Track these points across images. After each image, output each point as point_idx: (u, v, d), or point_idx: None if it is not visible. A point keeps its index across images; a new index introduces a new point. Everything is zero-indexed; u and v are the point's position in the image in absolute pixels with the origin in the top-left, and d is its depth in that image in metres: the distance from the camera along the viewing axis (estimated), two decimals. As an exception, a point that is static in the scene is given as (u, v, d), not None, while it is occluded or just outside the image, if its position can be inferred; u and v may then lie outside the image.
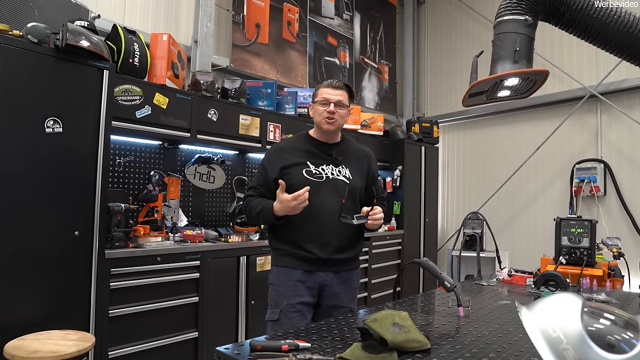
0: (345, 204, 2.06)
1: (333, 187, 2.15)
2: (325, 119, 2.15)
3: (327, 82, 2.21)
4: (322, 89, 2.20)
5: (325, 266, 2.12)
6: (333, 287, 2.14)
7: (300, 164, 2.16)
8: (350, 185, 2.18)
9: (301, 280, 2.10)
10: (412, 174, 5.70)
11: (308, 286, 2.10)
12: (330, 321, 1.75)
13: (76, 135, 2.62)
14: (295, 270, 2.11)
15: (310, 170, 2.15)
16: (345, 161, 2.24)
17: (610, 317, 0.99)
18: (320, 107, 2.16)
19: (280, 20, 5.23)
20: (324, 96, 2.17)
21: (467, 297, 2.12)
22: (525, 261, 3.56)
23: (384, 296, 4.99)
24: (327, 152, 2.22)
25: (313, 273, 2.11)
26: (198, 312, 3.23)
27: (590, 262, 2.79)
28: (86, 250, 2.65)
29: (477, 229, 4.64)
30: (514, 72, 1.95)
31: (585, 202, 5.36)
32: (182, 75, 3.76)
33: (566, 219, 2.96)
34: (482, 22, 6.26)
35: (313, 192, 2.06)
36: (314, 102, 2.21)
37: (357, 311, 2.03)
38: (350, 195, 2.16)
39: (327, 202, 2.11)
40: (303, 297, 2.09)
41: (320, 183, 2.13)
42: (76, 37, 2.54)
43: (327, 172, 2.17)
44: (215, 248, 3.39)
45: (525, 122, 6.01)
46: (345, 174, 2.21)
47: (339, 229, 2.10)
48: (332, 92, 2.17)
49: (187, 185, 3.92)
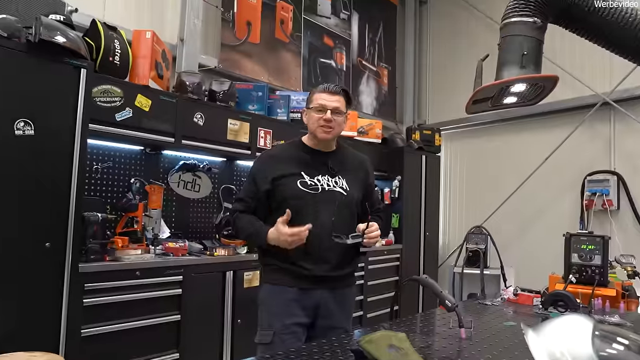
0: (338, 219, 2.07)
1: (329, 199, 2.14)
2: (321, 127, 2.14)
3: (323, 87, 2.19)
4: (318, 94, 2.18)
5: (320, 284, 2.11)
6: (328, 306, 2.13)
7: (294, 174, 2.13)
8: (348, 197, 2.18)
9: (295, 299, 2.08)
10: (411, 184, 5.70)
11: (303, 305, 2.09)
12: (323, 342, 1.73)
13: (50, 138, 2.60)
14: (289, 288, 2.09)
15: (305, 182, 2.12)
16: (341, 171, 2.23)
17: (624, 341, 0.98)
18: (316, 115, 2.14)
19: (273, 18, 5.25)
20: (319, 102, 2.14)
21: (470, 317, 2.10)
22: (532, 279, 3.54)
23: (380, 315, 4.96)
24: (322, 161, 2.21)
25: (308, 291, 2.10)
26: (180, 332, 3.19)
27: (603, 281, 2.78)
28: (58, 264, 2.61)
29: (480, 244, 4.62)
30: (521, 78, 1.95)
31: (597, 216, 5.37)
32: (167, 75, 3.75)
33: (576, 235, 2.95)
34: (488, 23, 6.31)
35: (308, 205, 2.07)
36: (309, 107, 2.20)
37: (352, 332, 2.01)
38: (347, 208, 2.17)
39: (323, 216, 2.10)
40: (298, 318, 2.07)
41: (315, 195, 2.12)
42: (51, 32, 2.52)
43: (323, 183, 2.15)
44: (199, 262, 3.36)
45: (533, 130, 6.04)
46: (342, 185, 2.19)
47: (335, 243, 2.08)
48: (328, 98, 2.15)
49: (170, 194, 3.89)
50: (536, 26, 1.92)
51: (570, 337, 0.99)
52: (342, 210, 2.16)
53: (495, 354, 1.63)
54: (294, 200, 2.08)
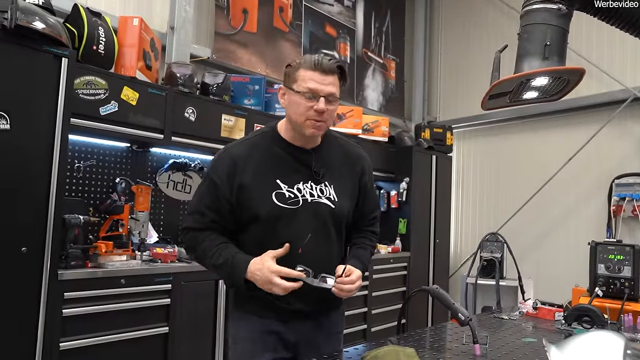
0: (320, 241, 1.80)
1: (313, 214, 1.82)
2: (310, 121, 1.75)
3: (314, 61, 1.73)
4: (307, 71, 1.73)
5: (301, 317, 1.87)
6: (314, 340, 1.91)
7: (267, 183, 1.79)
8: (336, 210, 1.87)
9: (274, 331, 1.83)
10: (420, 187, 5.70)
11: (283, 339, 1.85)
12: (325, 357, 1.71)
13: (27, 133, 2.59)
14: (266, 320, 1.83)
15: (282, 194, 1.78)
16: (328, 174, 1.89)
17: (659, 361, 0.97)
18: (303, 102, 1.73)
19: (271, 5, 5.25)
20: (309, 86, 1.72)
21: (485, 332, 2.09)
22: (553, 292, 3.53)
23: (386, 329, 4.96)
24: (304, 162, 1.85)
25: (289, 323, 1.85)
26: (168, 345, 3.18)
27: (633, 295, 2.76)
28: (35, 270, 2.61)
29: (496, 253, 4.61)
30: (544, 70, 1.94)
31: (627, 223, 5.35)
32: (156, 66, 3.75)
33: (603, 244, 2.94)
34: (506, 11, 6.31)
35: (285, 226, 1.77)
36: (291, 87, 1.77)
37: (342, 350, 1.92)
38: (334, 225, 1.88)
39: (304, 238, 1.77)
40: (277, 353, 1.82)
41: (295, 211, 1.79)
42: (28, 17, 2.51)
43: (305, 192, 1.82)
44: (189, 269, 3.35)
45: (555, 129, 6.03)
46: (329, 195, 1.86)
47: (321, 270, 1.75)
48: (321, 80, 1.72)
49: (158, 195, 3.89)
50: (561, 13, 1.91)
51: (598, 356, 0.97)
52: (328, 226, 1.86)
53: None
54: (271, 220, 1.76)
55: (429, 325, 5.54)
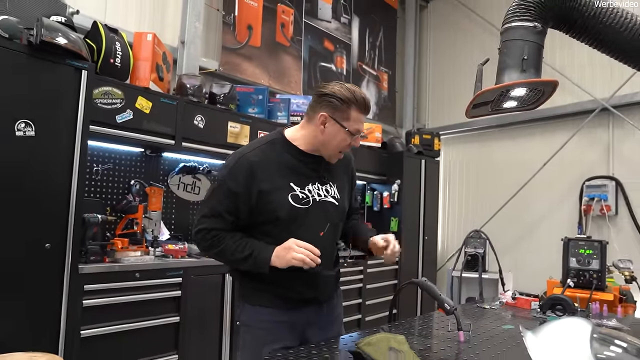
0: (328, 235, 1.87)
1: (321, 212, 1.87)
2: (342, 152, 1.88)
3: (364, 102, 1.80)
4: (358, 113, 1.80)
5: (309, 303, 1.91)
6: (319, 322, 1.95)
7: (283, 187, 1.80)
8: (339, 207, 1.94)
9: (283, 321, 1.85)
10: (411, 188, 5.70)
11: (291, 326, 1.87)
12: (322, 344, 1.73)
13: (50, 139, 2.61)
14: (277, 310, 1.85)
15: (296, 195, 1.81)
16: (331, 177, 1.95)
17: (622, 344, 0.98)
18: (346, 137, 1.80)
19: (273, 22, 5.26)
20: (358, 127, 1.81)
21: (468, 320, 2.10)
22: (530, 284, 3.56)
23: (379, 319, 4.96)
24: (312, 167, 1.89)
25: (298, 310, 1.88)
26: (179, 334, 3.19)
27: (601, 285, 2.79)
28: (58, 265, 2.62)
29: (479, 249, 4.64)
30: (522, 82, 1.96)
31: (596, 221, 5.37)
32: (167, 78, 3.76)
33: (575, 240, 2.96)
34: (488, 28, 6.33)
35: (299, 224, 1.80)
36: (340, 122, 1.79)
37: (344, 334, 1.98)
38: (338, 220, 1.95)
39: (314, 233, 1.83)
40: (286, 341, 1.81)
41: (307, 210, 1.82)
42: (52, 33, 2.54)
43: (314, 193, 1.86)
44: (198, 264, 3.36)
45: (532, 136, 6.06)
46: (333, 194, 1.92)
47: (327, 262, 1.86)
48: (364, 121, 1.84)
49: (170, 196, 3.89)
50: (536, 31, 1.93)
51: (568, 340, 0.99)
52: (334, 223, 1.92)
53: (493, 357, 1.63)
54: (286, 220, 1.78)
55: (418, 314, 5.54)
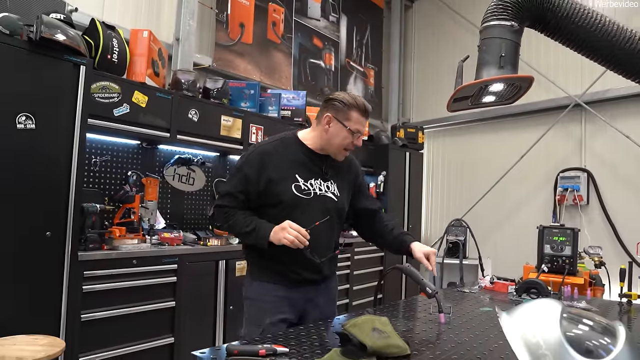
0: (325, 225, 1.94)
1: (321, 204, 1.99)
2: (346, 150, 2.01)
3: (364, 106, 1.97)
4: (358, 115, 1.95)
5: (307, 283, 2.03)
6: (316, 300, 2.06)
7: (289, 178, 1.96)
8: (338, 203, 2.05)
9: (284, 296, 1.97)
10: (396, 179, 5.73)
11: (291, 302, 1.98)
12: (310, 326, 1.74)
13: (50, 132, 2.58)
14: (279, 286, 1.97)
15: (299, 186, 1.96)
16: (333, 174, 2.07)
17: (589, 322, 1.01)
18: (349, 137, 1.95)
19: (265, 20, 5.24)
20: (358, 127, 1.96)
21: (449, 304, 2.13)
22: (508, 269, 3.60)
23: (365, 303, 4.99)
24: (317, 164, 2.03)
25: (298, 288, 2.00)
26: (174, 317, 3.19)
27: (572, 270, 2.83)
28: (58, 252, 2.61)
29: (460, 236, 4.69)
30: (499, 78, 1.98)
31: (569, 211, 5.45)
32: (163, 73, 3.73)
33: (549, 227, 3.00)
34: (469, 28, 6.35)
35: (300, 211, 1.93)
36: (342, 122, 1.94)
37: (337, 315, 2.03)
38: (336, 214, 2.04)
39: (313, 221, 1.92)
40: (285, 314, 1.95)
41: (308, 201, 1.96)
42: (51, 30, 2.50)
43: (315, 187, 1.99)
44: (193, 251, 3.36)
45: (511, 130, 6.11)
46: (333, 190, 2.05)
47: (320, 249, 1.96)
48: (365, 123, 1.99)
49: (165, 186, 3.88)
50: (513, 29, 1.95)
51: (540, 319, 1.01)
52: (332, 216, 2.02)
53: (472, 337, 1.66)
54: (287, 204, 1.93)
55: (402, 299, 5.59)
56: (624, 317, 2.14)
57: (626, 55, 1.94)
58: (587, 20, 1.90)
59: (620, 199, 5.14)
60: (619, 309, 2.28)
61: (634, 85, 2.20)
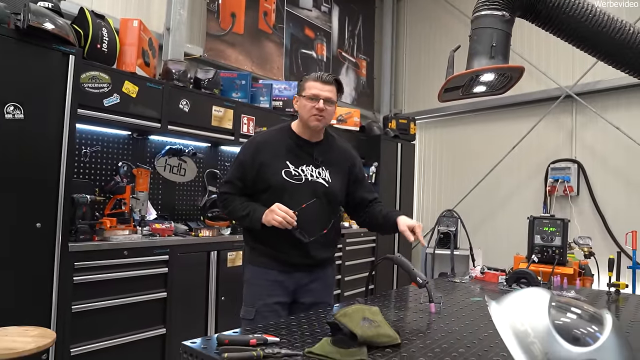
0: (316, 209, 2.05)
1: (311, 190, 2.08)
2: (313, 116, 2.06)
3: (317, 76, 2.10)
4: (311, 82, 2.09)
5: (298, 268, 2.11)
6: (308, 286, 2.14)
7: (279, 163, 2.08)
8: (329, 189, 2.13)
9: (278, 281, 2.08)
10: (387, 170, 5.74)
11: (284, 286, 2.09)
12: (301, 316, 1.75)
13: (39, 122, 2.55)
14: (271, 271, 2.09)
15: (289, 171, 2.07)
16: (325, 162, 2.16)
17: (577, 311, 1.02)
18: (308, 103, 2.06)
19: (256, 10, 5.20)
20: (312, 92, 2.06)
21: (439, 293, 2.15)
22: (499, 259, 3.63)
23: (357, 293, 5.00)
24: (308, 151, 2.14)
25: (288, 273, 2.10)
26: (166, 308, 3.19)
27: (562, 260, 2.86)
28: (48, 243, 2.59)
29: (451, 227, 4.71)
30: (490, 68, 1.98)
31: (559, 201, 5.49)
32: (153, 63, 3.70)
33: (539, 218, 3.02)
34: (461, 18, 6.34)
35: (289, 196, 2.03)
36: (301, 95, 2.11)
37: (332, 305, 2.04)
38: (327, 199, 2.12)
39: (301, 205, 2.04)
40: (279, 297, 2.08)
41: (298, 186, 2.07)
42: (39, 18, 2.47)
43: (307, 173, 2.10)
44: (184, 242, 3.36)
45: (502, 120, 6.12)
46: (325, 177, 2.14)
47: (309, 230, 2.05)
48: (321, 88, 2.07)
49: (156, 177, 3.86)
50: (504, 19, 1.94)
51: (528, 308, 1.02)
52: (322, 201, 2.10)
53: (462, 326, 1.67)
54: (277, 188, 2.04)
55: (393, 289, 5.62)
56: (612, 306, 2.16)
57: (616, 46, 1.94)
58: (578, 10, 1.90)
59: (610, 190, 5.18)
60: (607, 298, 2.31)
61: (625, 77, 2.20)
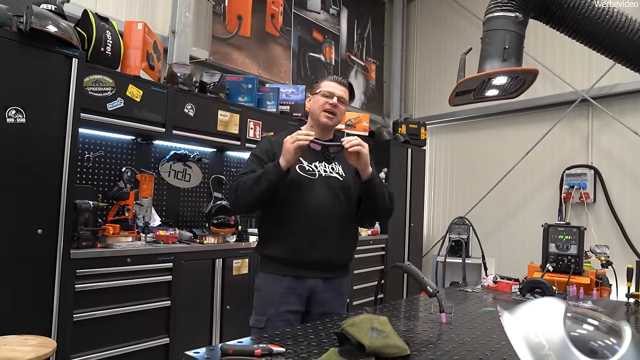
0: (334, 202, 2.13)
1: (326, 184, 2.15)
2: (325, 112, 2.17)
3: (333, 77, 2.25)
4: (327, 81, 2.23)
5: (315, 270, 2.11)
6: (322, 294, 2.14)
7: None
8: (344, 182, 2.18)
9: (290, 288, 2.09)
10: (397, 176, 5.72)
11: (297, 293, 2.10)
12: (307, 325, 1.74)
13: (41, 126, 2.57)
14: (285, 277, 2.10)
15: (303, 167, 2.15)
16: (337, 158, 2.23)
17: (594, 322, 1.00)
18: (322, 99, 2.18)
19: (263, 12, 5.22)
20: (328, 89, 2.19)
21: (450, 303, 2.12)
22: (512, 268, 3.60)
23: (366, 303, 4.97)
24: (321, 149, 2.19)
25: (303, 280, 2.10)
26: (170, 317, 3.19)
27: (578, 270, 2.83)
28: (50, 250, 2.60)
29: (463, 235, 4.67)
30: (503, 70, 1.97)
31: (575, 209, 5.43)
32: (158, 67, 3.72)
33: (554, 226, 2.99)
34: (473, 20, 6.33)
35: (307, 190, 2.10)
36: (315, 93, 2.22)
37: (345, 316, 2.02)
38: (343, 192, 2.17)
39: (322, 200, 2.12)
40: (291, 305, 2.08)
41: (313, 181, 2.14)
42: (42, 21, 2.49)
43: (320, 169, 2.17)
44: (189, 250, 3.36)
45: (515, 125, 6.09)
46: (338, 171, 2.21)
47: (333, 227, 2.11)
48: (336, 87, 2.21)
49: (161, 183, 3.87)
50: (518, 21, 1.93)
51: (543, 319, 1.00)
52: (338, 194, 2.16)
53: (474, 337, 1.65)
54: (294, 184, 2.09)
55: (403, 299, 5.58)
56: (631, 318, 2.13)
57: (634, 48, 1.93)
58: (594, 10, 1.89)
59: (628, 196, 5.12)
60: (626, 309, 2.27)
61: (643, 79, 2.18)
